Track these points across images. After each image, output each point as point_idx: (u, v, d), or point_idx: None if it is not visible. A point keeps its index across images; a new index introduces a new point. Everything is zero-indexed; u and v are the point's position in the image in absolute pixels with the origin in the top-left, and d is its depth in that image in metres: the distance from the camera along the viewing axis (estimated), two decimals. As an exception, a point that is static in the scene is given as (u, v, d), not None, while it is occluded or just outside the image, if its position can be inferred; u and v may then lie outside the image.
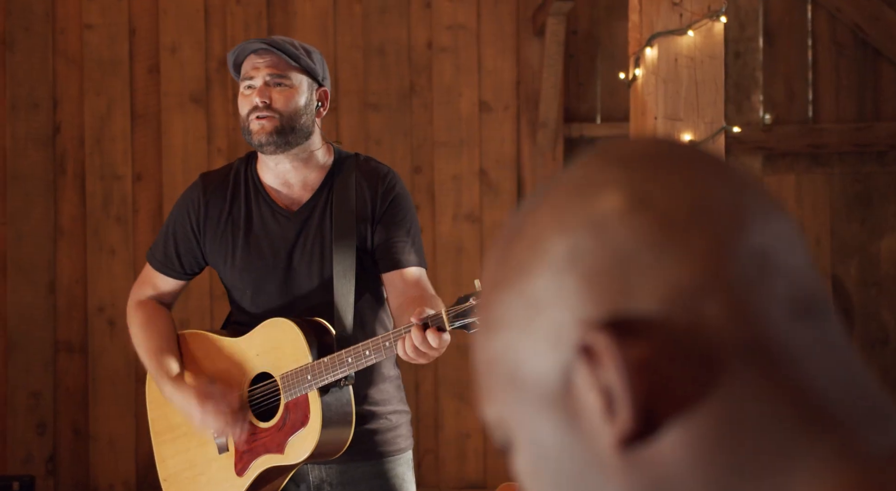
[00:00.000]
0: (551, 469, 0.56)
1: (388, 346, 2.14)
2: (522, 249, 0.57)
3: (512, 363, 0.57)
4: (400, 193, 2.36)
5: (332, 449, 2.27)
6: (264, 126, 2.32)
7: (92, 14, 5.42)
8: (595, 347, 0.53)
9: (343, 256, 2.30)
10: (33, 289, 5.39)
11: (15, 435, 5.38)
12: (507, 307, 0.57)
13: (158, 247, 2.50)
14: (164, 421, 2.48)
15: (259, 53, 2.34)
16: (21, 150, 5.41)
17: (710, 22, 3.00)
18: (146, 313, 2.47)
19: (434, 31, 5.46)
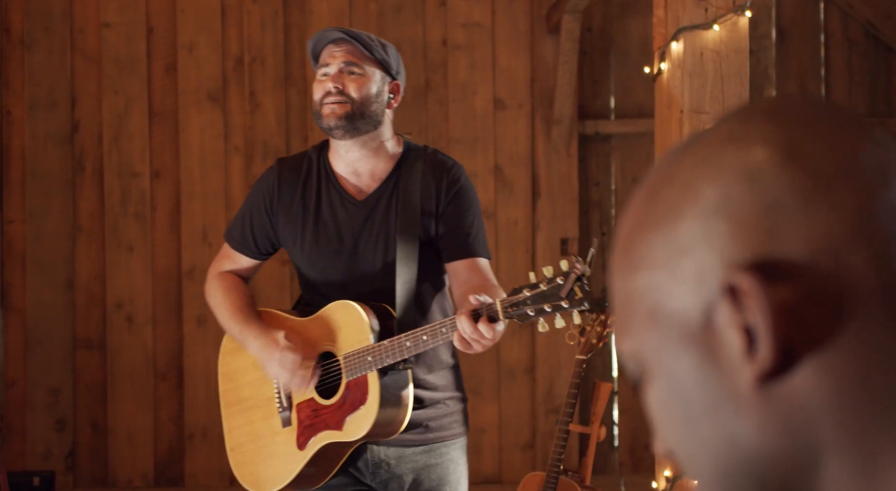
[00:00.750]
0: (684, 401, 0.60)
1: (445, 332, 2.20)
2: (672, 193, 0.61)
3: (654, 300, 0.60)
4: (465, 185, 2.43)
5: (388, 429, 2.35)
6: (335, 110, 2.38)
7: (110, 13, 5.46)
8: (740, 287, 0.57)
9: (407, 244, 2.36)
10: (52, 286, 5.43)
11: (35, 431, 5.42)
12: (652, 247, 0.61)
13: (236, 227, 2.58)
14: (233, 394, 2.56)
15: (337, 43, 2.43)
16: (40, 148, 5.45)
17: (734, 16, 3.04)
18: (228, 282, 2.57)
19: (449, 28, 5.50)
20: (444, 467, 2.44)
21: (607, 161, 5.60)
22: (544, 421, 5.48)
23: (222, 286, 2.55)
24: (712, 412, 0.59)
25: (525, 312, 2.13)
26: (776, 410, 0.57)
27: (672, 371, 0.60)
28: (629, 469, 5.51)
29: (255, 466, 2.50)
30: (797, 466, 0.57)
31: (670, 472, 3.11)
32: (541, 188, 5.49)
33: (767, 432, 0.58)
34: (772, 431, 0.57)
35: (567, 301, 2.11)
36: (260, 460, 2.49)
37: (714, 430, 0.60)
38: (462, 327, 2.12)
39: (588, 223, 5.58)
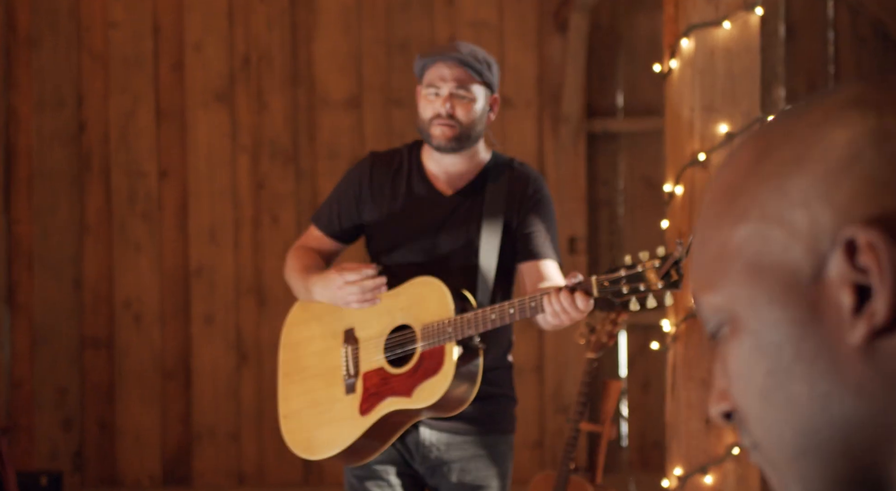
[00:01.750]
0: (775, 356, 0.60)
1: (534, 306, 2.31)
2: (792, 146, 0.60)
3: (759, 251, 0.60)
4: (546, 196, 2.62)
5: (454, 403, 2.44)
6: (445, 133, 2.54)
7: (117, 12, 5.45)
8: (860, 242, 0.56)
9: (490, 239, 2.52)
10: (59, 285, 5.43)
11: (42, 430, 5.42)
12: (762, 199, 0.60)
13: (324, 210, 2.71)
14: (294, 363, 2.66)
15: (448, 64, 2.55)
16: (47, 147, 5.44)
17: (745, 14, 3.02)
18: (302, 250, 2.68)
19: (457, 26, 5.49)
20: (492, 460, 2.52)
21: (615, 159, 5.58)
22: (553, 420, 5.47)
23: (295, 254, 2.67)
24: (808, 368, 0.59)
25: (620, 289, 2.26)
26: (878, 369, 0.57)
27: (767, 325, 0.60)
28: (638, 468, 5.50)
29: (311, 431, 2.58)
30: (887, 428, 0.57)
31: (681, 470, 3.10)
32: (549, 186, 5.47)
33: (864, 392, 0.57)
34: (869, 391, 0.57)
35: (663, 281, 2.22)
36: (317, 426, 2.57)
37: (806, 387, 0.59)
38: (560, 300, 2.24)
39: (596, 222, 5.56)
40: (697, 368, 3.06)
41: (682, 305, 3.09)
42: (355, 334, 2.56)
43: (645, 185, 5.58)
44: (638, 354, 5.55)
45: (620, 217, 5.57)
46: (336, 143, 5.46)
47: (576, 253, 5.49)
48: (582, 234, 5.49)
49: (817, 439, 0.59)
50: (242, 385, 5.44)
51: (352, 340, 2.56)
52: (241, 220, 5.45)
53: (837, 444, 0.58)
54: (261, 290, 5.43)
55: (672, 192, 3.12)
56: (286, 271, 2.69)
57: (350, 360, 2.54)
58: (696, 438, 3.08)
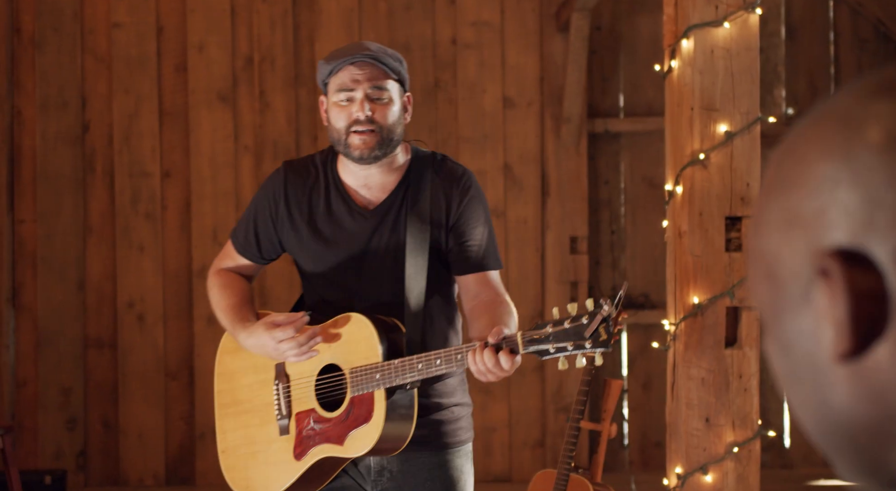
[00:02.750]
0: (789, 361, 0.63)
1: (460, 359, 2.17)
2: (791, 165, 0.62)
3: (771, 262, 0.63)
4: (475, 195, 2.39)
5: (391, 446, 2.32)
6: (366, 142, 2.30)
7: (120, 13, 5.47)
8: (830, 270, 0.59)
9: (416, 256, 2.33)
10: (63, 285, 5.45)
11: (46, 430, 5.44)
12: (773, 212, 0.63)
13: (241, 228, 2.51)
14: (230, 395, 2.52)
15: (358, 64, 2.32)
16: (50, 148, 5.47)
17: (745, 13, 3.04)
18: (227, 278, 2.50)
19: (458, 27, 5.51)
20: (449, 475, 2.40)
21: (617, 159, 5.60)
22: (554, 419, 5.49)
23: (219, 283, 2.49)
24: (811, 376, 0.61)
25: (546, 348, 2.10)
26: (862, 384, 0.59)
27: (781, 331, 0.63)
28: (639, 467, 5.51)
29: (248, 471, 2.45)
30: (885, 435, 0.59)
31: (681, 469, 3.12)
32: (550, 187, 5.50)
33: (856, 403, 0.60)
34: (860, 402, 0.60)
35: (591, 341, 2.08)
36: (253, 466, 2.44)
37: (811, 391, 0.62)
38: (484, 359, 2.10)
39: (598, 222, 5.58)
40: (697, 367, 3.08)
41: (682, 303, 3.10)
42: (286, 370, 2.41)
43: (646, 185, 5.59)
44: (639, 354, 5.57)
45: (622, 217, 5.59)
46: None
47: (577, 253, 5.51)
48: (583, 234, 5.50)
49: (830, 439, 0.62)
50: (245, 385, 5.45)
51: (283, 377, 2.41)
52: (243, 220, 5.47)
53: (846, 444, 0.62)
54: (263, 290, 5.45)
55: (672, 191, 3.14)
56: (211, 301, 2.51)
57: (282, 398, 2.41)
58: (696, 436, 3.09)
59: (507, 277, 5.50)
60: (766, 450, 5.36)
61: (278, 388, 2.42)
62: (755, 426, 3.07)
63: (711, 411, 3.06)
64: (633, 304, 5.49)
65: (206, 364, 5.45)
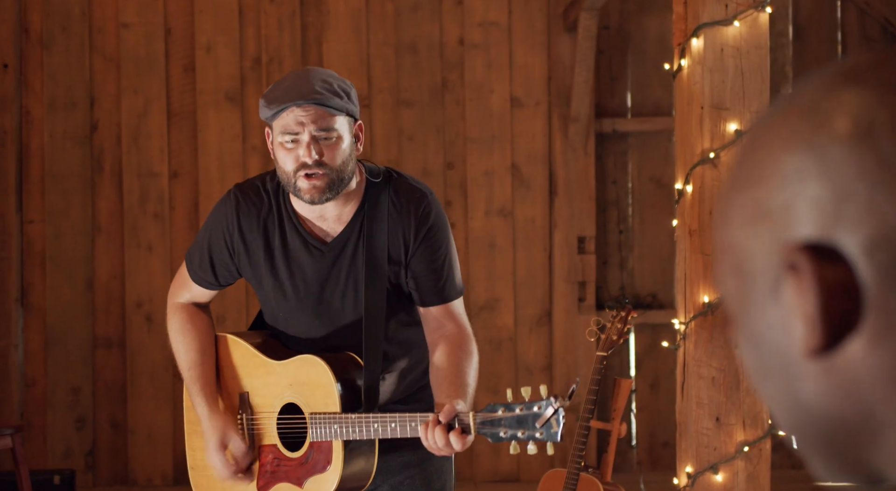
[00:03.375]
0: (759, 355, 0.62)
1: (414, 426, 2.15)
2: (757, 159, 0.62)
3: (739, 256, 0.62)
4: (434, 223, 2.31)
5: (355, 485, 2.31)
6: (316, 186, 2.22)
7: (128, 13, 5.48)
8: (799, 265, 0.58)
9: (374, 292, 2.28)
10: (72, 285, 5.46)
11: (55, 430, 5.45)
12: (739, 206, 0.62)
13: (195, 255, 2.43)
14: None
15: (303, 106, 2.21)
16: (59, 148, 5.48)
17: (755, 12, 3.04)
18: (185, 317, 2.44)
19: (465, 27, 5.51)
20: (429, 474, 2.40)
21: (624, 159, 5.60)
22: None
23: (179, 324, 2.43)
24: (781, 371, 0.61)
25: (498, 432, 2.09)
26: (833, 379, 0.58)
27: (751, 325, 0.62)
28: (647, 467, 5.51)
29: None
30: (860, 429, 0.59)
31: (692, 468, 3.12)
32: (558, 186, 5.50)
33: (827, 398, 0.59)
34: (831, 397, 0.59)
35: (542, 432, 2.07)
36: (220, 489, 2.43)
37: (782, 386, 0.61)
38: (435, 437, 2.08)
39: (605, 221, 5.58)
40: (707, 366, 3.08)
41: (692, 302, 3.10)
42: (250, 400, 2.38)
43: (654, 185, 5.59)
44: (646, 354, 5.56)
45: (629, 217, 5.58)
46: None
47: (585, 253, 5.51)
48: (591, 234, 5.50)
49: (802, 434, 0.62)
50: (253, 385, 5.46)
51: (247, 407, 2.39)
52: (251, 220, 5.48)
53: (819, 440, 0.61)
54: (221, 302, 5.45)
55: (682, 190, 3.14)
56: (171, 339, 2.45)
57: (246, 429, 2.39)
58: (707, 436, 3.09)
59: (515, 277, 5.51)
60: (775, 450, 5.36)
61: (243, 418, 2.40)
62: (766, 425, 3.06)
63: (722, 410, 3.06)
64: (640, 304, 5.49)
65: (214, 364, 5.46)
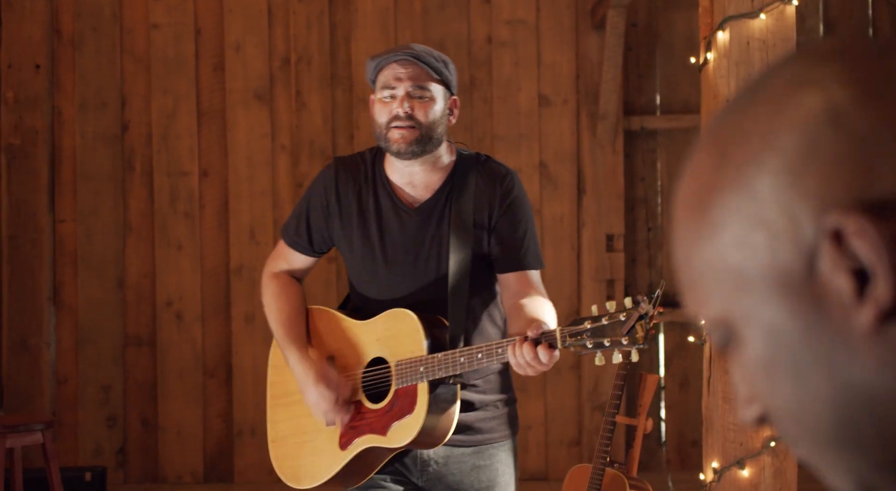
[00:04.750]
0: (791, 355, 0.59)
1: (501, 352, 2.21)
2: (747, 147, 0.59)
3: (742, 260, 0.59)
4: (518, 196, 2.44)
5: (432, 440, 2.37)
6: (404, 136, 2.37)
7: (158, 14, 5.53)
8: (846, 229, 0.55)
9: (459, 254, 2.38)
10: (103, 284, 5.50)
11: (86, 427, 5.50)
12: (731, 207, 0.59)
13: (292, 224, 2.56)
14: (282, 386, 2.58)
15: (402, 63, 2.39)
16: (90, 148, 5.53)
17: (781, 5, 3.02)
18: (280, 284, 2.55)
19: (493, 25, 5.51)
20: (493, 469, 2.45)
21: (653, 157, 5.58)
22: (590, 418, 5.47)
23: (273, 289, 2.54)
24: (824, 361, 0.58)
25: (584, 343, 2.16)
26: (891, 348, 0.56)
27: (774, 327, 0.59)
28: (676, 466, 5.48)
29: (296, 460, 2.51)
30: None
31: (718, 463, 3.10)
32: (586, 184, 5.49)
33: (887, 371, 0.57)
34: (891, 371, 0.56)
35: (627, 338, 2.12)
36: (302, 455, 2.50)
37: (829, 378, 0.58)
38: (523, 353, 2.15)
39: (634, 219, 5.56)
40: (734, 360, 3.06)
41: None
42: (335, 364, 2.47)
43: (683, 183, 5.57)
44: (676, 352, 5.54)
45: (658, 214, 5.56)
46: (374, 142, 5.49)
47: (613, 251, 5.49)
48: (619, 232, 5.49)
49: (851, 428, 0.59)
50: (282, 383, 5.49)
51: None
52: (280, 219, 5.50)
53: (872, 428, 0.58)
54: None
55: (708, 184, 3.12)
56: (264, 304, 2.56)
57: None
58: (733, 431, 3.07)
59: (544, 275, 5.47)
60: (805, 449, 5.31)
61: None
62: (793, 420, 3.04)
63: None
64: (669, 302, 5.46)
65: (243, 362, 5.49)
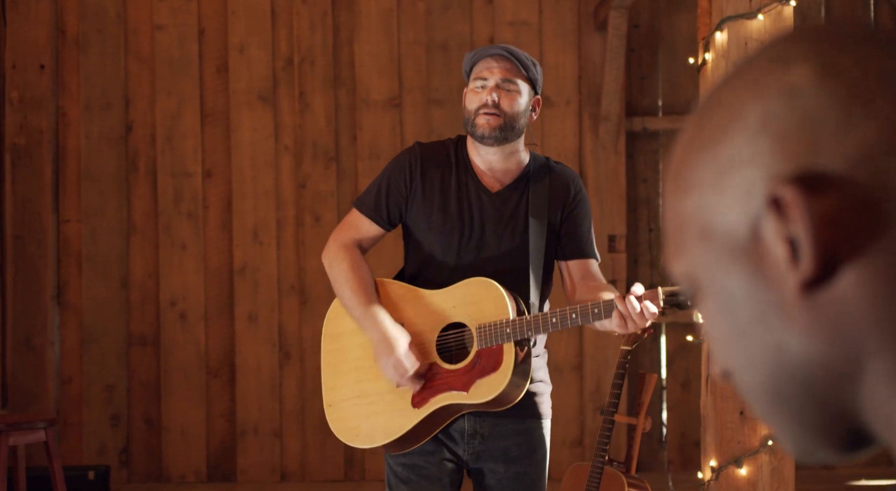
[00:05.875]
0: (734, 315, 0.63)
1: (597, 313, 2.41)
2: (719, 115, 0.63)
3: (705, 219, 0.63)
4: (585, 196, 2.68)
5: (507, 400, 2.53)
6: (490, 122, 2.57)
7: (162, 15, 5.55)
8: (784, 199, 0.59)
9: (537, 235, 2.59)
10: (107, 284, 5.53)
11: (90, 426, 5.52)
12: (701, 168, 0.63)
13: (369, 196, 2.70)
14: (339, 354, 2.69)
15: (495, 57, 2.60)
16: (94, 148, 5.56)
17: (779, 6, 3.03)
18: (353, 256, 2.68)
19: (496, 26, 5.53)
20: (533, 441, 2.62)
21: (655, 158, 5.59)
22: (592, 418, 5.48)
23: (348, 259, 2.66)
24: (761, 323, 0.61)
25: (684, 300, 2.33)
26: (821, 316, 0.59)
27: (723, 286, 0.63)
28: (678, 467, 5.49)
29: (359, 420, 2.63)
30: (842, 371, 0.59)
31: (716, 461, 3.11)
32: (588, 185, 5.50)
33: (813, 339, 0.60)
34: (817, 337, 0.59)
35: None
36: (366, 416, 2.63)
37: (763, 340, 0.62)
38: (633, 304, 2.35)
39: (636, 220, 5.57)
40: (732, 359, 3.07)
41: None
42: (405, 330, 2.60)
43: (685, 184, 5.58)
44: (677, 353, 5.55)
45: (660, 215, 5.57)
46: (377, 144, 5.52)
47: (615, 251, 5.50)
48: (622, 232, 5.50)
49: (783, 391, 0.62)
50: (285, 383, 5.50)
51: None
52: (283, 219, 5.52)
53: (801, 392, 0.61)
54: (303, 288, 5.50)
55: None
56: (331, 269, 2.68)
57: None
58: (731, 429, 3.09)
59: (546, 276, 5.52)
60: (806, 450, 5.32)
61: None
62: (790, 419, 3.05)
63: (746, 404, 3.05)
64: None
65: (246, 362, 5.51)
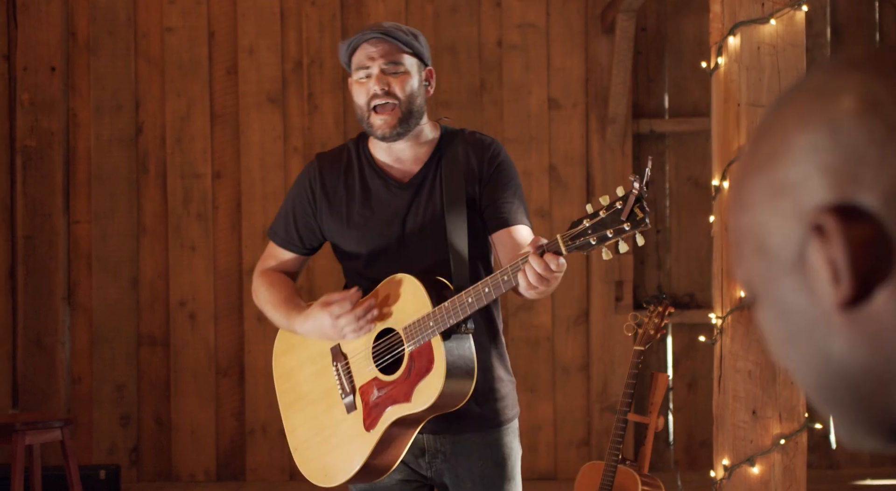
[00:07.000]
0: (787, 323, 0.70)
1: (507, 279, 2.21)
2: (771, 141, 0.69)
3: (760, 236, 0.69)
4: (505, 159, 2.47)
5: (454, 399, 2.34)
6: (387, 122, 2.41)
7: (172, 17, 5.59)
8: (825, 226, 0.65)
9: (455, 217, 2.40)
10: (117, 284, 5.57)
11: (100, 426, 5.56)
12: (756, 189, 0.70)
13: (279, 224, 2.58)
14: (292, 393, 2.55)
15: (372, 42, 2.42)
16: (105, 150, 5.59)
17: (791, 10, 3.07)
18: (272, 277, 2.57)
19: (504, 29, 5.57)
20: (499, 453, 2.46)
21: (662, 160, 5.63)
22: (599, 418, 5.52)
23: (265, 283, 2.56)
24: (810, 332, 0.68)
25: (587, 241, 2.16)
26: (861, 330, 0.66)
27: (776, 297, 0.69)
28: (685, 466, 5.53)
29: (323, 458, 2.48)
30: (883, 378, 0.66)
31: (728, 461, 3.15)
32: (595, 187, 5.54)
33: (855, 349, 0.66)
34: (859, 348, 0.66)
35: (629, 223, 2.12)
36: (327, 452, 2.48)
37: (812, 347, 0.68)
38: (533, 264, 2.14)
39: (643, 221, 5.60)
40: (744, 359, 3.11)
41: (728, 297, 3.14)
42: (342, 350, 2.46)
43: (691, 186, 5.62)
44: (684, 354, 5.59)
45: (667, 217, 5.61)
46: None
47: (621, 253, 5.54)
48: (629, 234, 5.53)
49: (832, 391, 0.69)
50: (294, 382, 5.54)
51: (340, 357, 2.46)
52: (293, 220, 5.56)
53: (848, 393, 0.68)
54: (312, 288, 5.53)
55: (719, 186, 3.18)
56: (258, 301, 2.56)
57: (343, 376, 2.45)
58: (743, 429, 3.12)
59: (553, 277, 5.55)
60: (812, 450, 5.36)
61: (337, 368, 2.47)
62: (802, 418, 3.09)
63: (758, 404, 3.09)
64: (678, 303, 5.51)
65: (256, 361, 5.55)
